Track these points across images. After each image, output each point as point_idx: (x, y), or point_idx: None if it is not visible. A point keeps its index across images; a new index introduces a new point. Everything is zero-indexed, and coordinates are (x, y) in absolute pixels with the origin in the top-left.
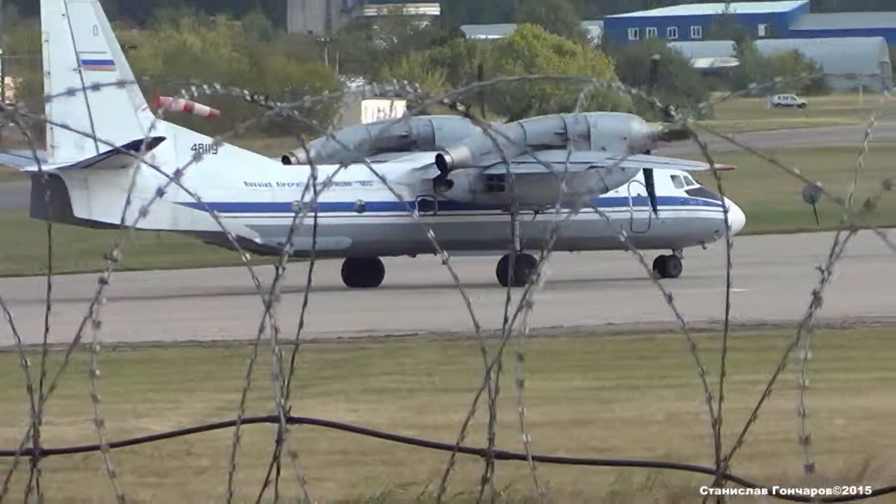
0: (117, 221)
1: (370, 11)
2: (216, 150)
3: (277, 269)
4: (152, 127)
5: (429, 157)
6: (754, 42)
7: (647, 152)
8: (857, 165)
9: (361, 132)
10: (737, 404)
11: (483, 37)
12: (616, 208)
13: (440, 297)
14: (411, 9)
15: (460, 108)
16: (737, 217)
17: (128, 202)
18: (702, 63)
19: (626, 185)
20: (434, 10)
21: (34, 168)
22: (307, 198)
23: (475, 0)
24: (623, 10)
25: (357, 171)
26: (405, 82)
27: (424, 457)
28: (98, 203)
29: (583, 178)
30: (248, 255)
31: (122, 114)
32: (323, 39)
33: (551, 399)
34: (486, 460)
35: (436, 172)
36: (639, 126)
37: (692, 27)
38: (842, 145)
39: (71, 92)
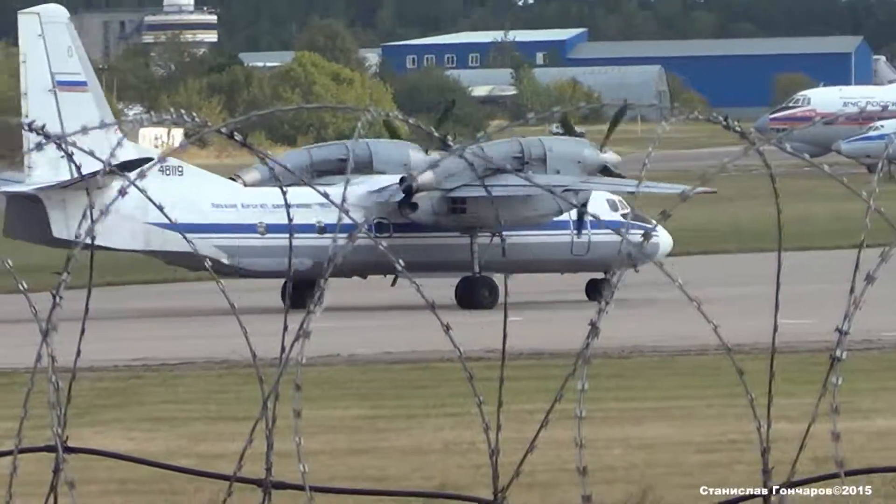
0: (99, 242)
1: (148, 38)
2: (181, 171)
3: (55, 297)
4: (119, 144)
5: (385, 180)
6: (532, 70)
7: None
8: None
9: (303, 155)
10: (514, 433)
11: (261, 64)
12: (558, 231)
13: (217, 325)
14: (189, 36)
15: (238, 137)
16: (665, 240)
17: (90, 218)
18: (480, 91)
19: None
20: (212, 37)
21: (11, 188)
22: (272, 218)
23: (253, 28)
24: (401, 37)
25: (315, 193)
26: (182, 111)
27: (202, 486)
28: (76, 223)
29: (542, 200)
30: (221, 282)
31: (93, 133)
32: (101, 66)
33: (329, 428)
34: (264, 490)
35: (392, 195)
36: (590, 151)
37: (470, 55)
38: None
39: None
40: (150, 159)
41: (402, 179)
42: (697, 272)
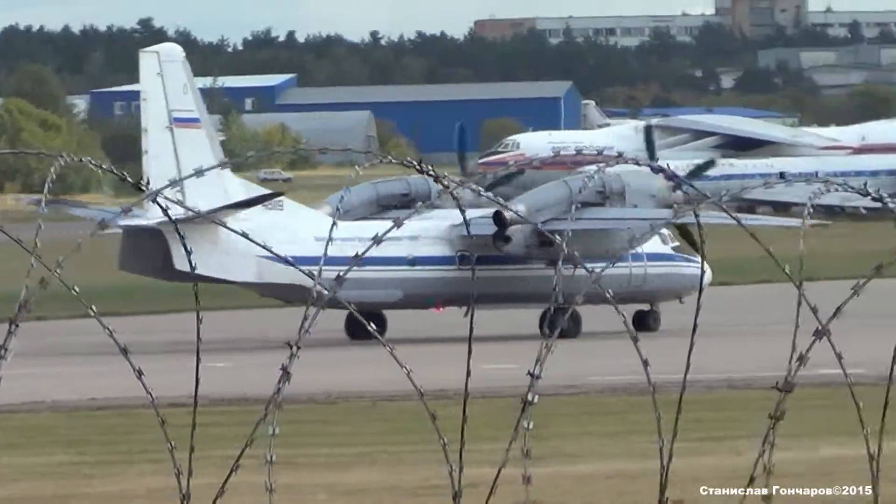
0: (215, 275)
1: None
2: (282, 206)
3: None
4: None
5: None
6: (241, 116)
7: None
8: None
9: (369, 190)
10: (212, 479)
11: None
12: (619, 263)
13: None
14: None
15: None
16: (708, 272)
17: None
18: None
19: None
20: None
21: (130, 222)
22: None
23: None
24: (110, 84)
25: (405, 227)
26: None
27: None
28: (197, 256)
29: (622, 234)
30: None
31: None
32: None
33: (34, 474)
34: None
35: (482, 228)
36: (662, 183)
37: None
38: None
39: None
40: (266, 196)
41: (496, 213)
42: (406, 321)
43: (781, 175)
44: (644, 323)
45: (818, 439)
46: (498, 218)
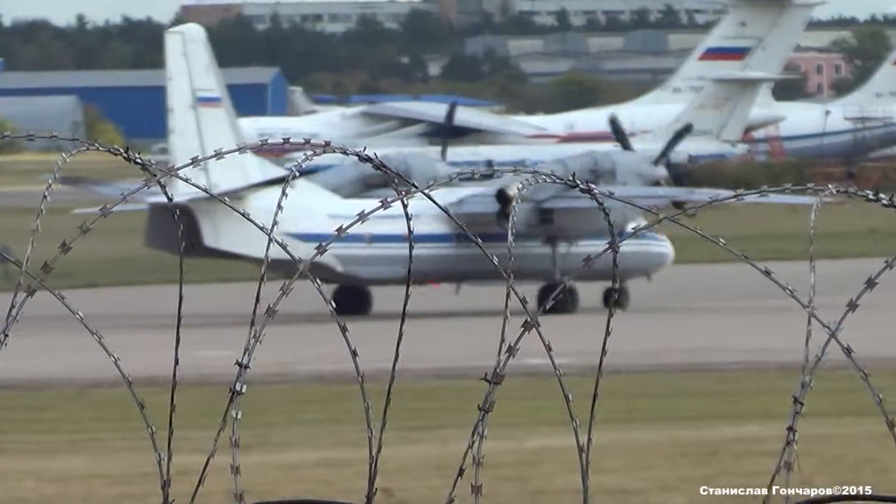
0: (241, 251)
1: None
2: (294, 184)
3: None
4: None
5: (461, 192)
6: None
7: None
8: (35, 227)
9: (352, 170)
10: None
11: None
12: (594, 241)
13: None
14: None
15: None
16: (671, 251)
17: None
18: None
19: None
20: None
21: (157, 199)
22: (375, 228)
23: None
24: None
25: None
26: None
27: None
28: (224, 233)
29: (619, 212)
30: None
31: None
32: None
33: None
34: None
35: (483, 205)
36: (648, 165)
37: None
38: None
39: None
40: (305, 172)
41: (499, 192)
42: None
43: (489, 163)
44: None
45: (527, 430)
46: (501, 196)
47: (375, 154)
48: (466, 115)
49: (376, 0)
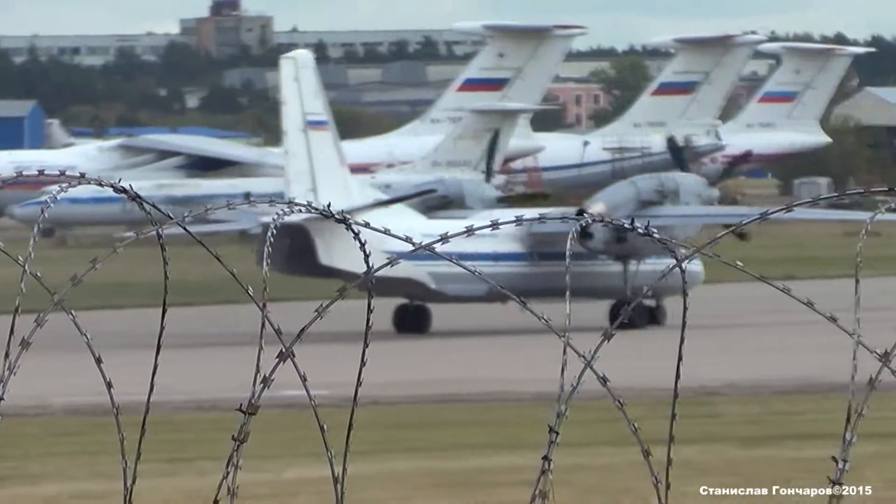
0: (352, 269)
1: None
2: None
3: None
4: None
5: (528, 213)
6: None
7: None
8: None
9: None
10: None
11: None
12: (650, 261)
13: None
14: None
15: None
16: (702, 270)
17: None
18: None
19: None
20: None
21: (266, 219)
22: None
23: None
24: None
25: (478, 223)
26: None
27: None
28: (338, 252)
29: (684, 230)
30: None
31: (332, 171)
32: None
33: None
34: None
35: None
36: (706, 187)
37: None
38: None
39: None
40: (419, 193)
41: (579, 212)
42: None
43: (247, 195)
44: (653, 317)
45: (283, 461)
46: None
47: (131, 185)
48: (223, 148)
49: (134, 33)
